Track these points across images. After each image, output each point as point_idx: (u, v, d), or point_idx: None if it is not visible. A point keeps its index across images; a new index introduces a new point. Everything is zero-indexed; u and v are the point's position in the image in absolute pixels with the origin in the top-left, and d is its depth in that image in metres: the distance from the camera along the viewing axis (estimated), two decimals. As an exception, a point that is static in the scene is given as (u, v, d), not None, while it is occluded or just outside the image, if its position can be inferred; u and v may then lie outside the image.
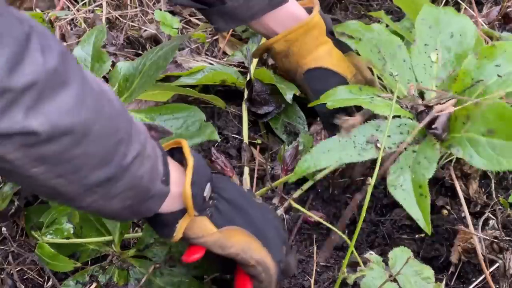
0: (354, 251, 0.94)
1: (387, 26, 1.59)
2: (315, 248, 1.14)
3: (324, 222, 1.00)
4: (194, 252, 0.91)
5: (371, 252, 1.08)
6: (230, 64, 1.55)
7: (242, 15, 1.11)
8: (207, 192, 0.88)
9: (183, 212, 0.87)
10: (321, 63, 1.13)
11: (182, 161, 0.89)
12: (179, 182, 0.85)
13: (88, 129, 0.66)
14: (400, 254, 0.96)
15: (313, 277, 1.02)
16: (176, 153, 0.90)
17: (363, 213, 0.89)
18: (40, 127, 0.62)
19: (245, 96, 1.41)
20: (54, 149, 0.65)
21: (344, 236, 0.95)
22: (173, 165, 0.87)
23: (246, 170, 1.31)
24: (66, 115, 0.64)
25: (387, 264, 0.96)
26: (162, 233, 0.89)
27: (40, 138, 0.62)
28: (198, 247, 0.91)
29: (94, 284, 1.05)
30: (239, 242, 0.91)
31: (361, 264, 0.99)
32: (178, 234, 0.87)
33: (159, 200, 0.82)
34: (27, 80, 0.60)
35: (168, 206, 0.85)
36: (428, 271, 0.95)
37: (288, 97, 1.38)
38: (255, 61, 1.48)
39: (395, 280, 0.93)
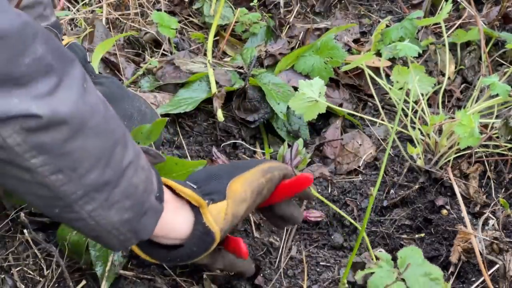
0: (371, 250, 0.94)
1: (387, 26, 1.60)
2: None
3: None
4: (237, 243, 0.96)
5: (381, 249, 1.08)
6: (229, 65, 1.55)
7: None
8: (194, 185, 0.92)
9: (198, 217, 0.88)
10: None
11: None
12: (175, 199, 0.88)
13: (85, 122, 0.68)
14: (409, 254, 0.96)
15: (305, 278, 1.03)
16: None
17: (365, 221, 0.90)
18: (40, 111, 0.64)
19: (233, 104, 1.42)
20: (53, 137, 0.66)
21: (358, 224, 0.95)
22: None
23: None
24: (65, 104, 0.66)
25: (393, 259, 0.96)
26: (205, 247, 0.90)
27: (40, 123, 0.64)
28: (232, 238, 0.96)
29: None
30: (243, 185, 0.94)
31: (370, 266, 0.99)
32: (216, 230, 0.89)
33: (154, 216, 0.82)
34: (27, 70, 0.63)
35: (186, 228, 0.88)
36: (438, 272, 0.95)
37: (279, 109, 1.39)
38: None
39: (403, 280, 0.93)
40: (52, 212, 0.74)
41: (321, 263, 1.16)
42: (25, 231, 1.10)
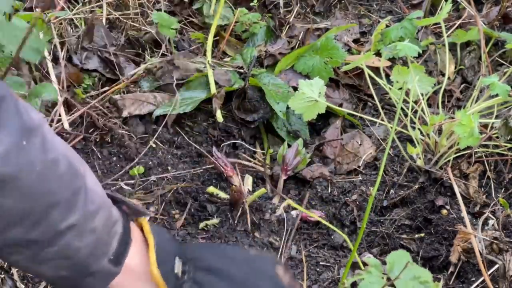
0: (357, 256, 0.93)
1: (387, 26, 1.60)
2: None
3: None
4: None
5: (369, 255, 1.08)
6: (229, 65, 1.55)
7: None
8: (177, 268, 0.81)
9: None
10: None
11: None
12: (144, 263, 0.80)
13: (3, 181, 0.66)
14: (398, 258, 0.95)
15: (305, 278, 1.02)
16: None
17: (365, 221, 0.89)
18: None
19: (233, 104, 1.42)
20: None
21: (346, 237, 0.96)
22: (139, 245, 0.80)
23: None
24: None
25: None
26: None
27: None
28: None
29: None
30: None
31: (362, 266, 0.98)
32: None
33: (103, 279, 0.77)
34: None
35: None
36: (427, 275, 0.94)
37: (279, 108, 1.39)
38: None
39: (393, 285, 0.93)
40: None
41: (321, 263, 1.16)
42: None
